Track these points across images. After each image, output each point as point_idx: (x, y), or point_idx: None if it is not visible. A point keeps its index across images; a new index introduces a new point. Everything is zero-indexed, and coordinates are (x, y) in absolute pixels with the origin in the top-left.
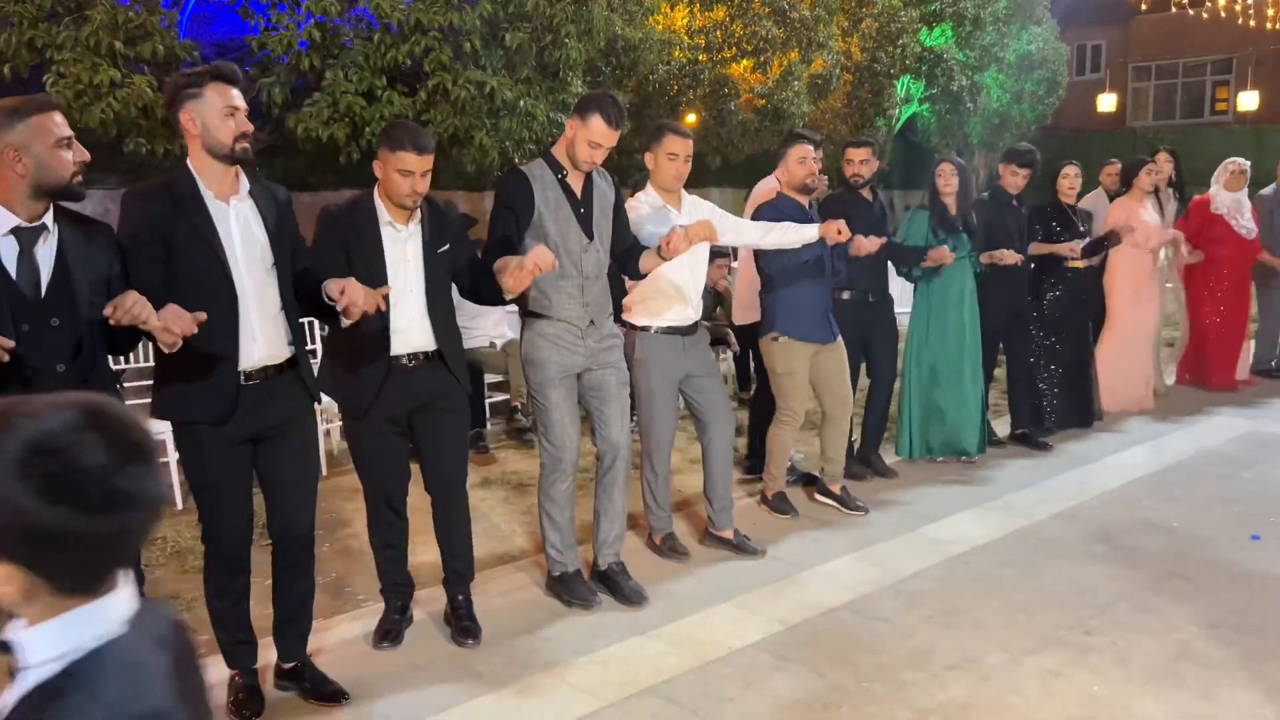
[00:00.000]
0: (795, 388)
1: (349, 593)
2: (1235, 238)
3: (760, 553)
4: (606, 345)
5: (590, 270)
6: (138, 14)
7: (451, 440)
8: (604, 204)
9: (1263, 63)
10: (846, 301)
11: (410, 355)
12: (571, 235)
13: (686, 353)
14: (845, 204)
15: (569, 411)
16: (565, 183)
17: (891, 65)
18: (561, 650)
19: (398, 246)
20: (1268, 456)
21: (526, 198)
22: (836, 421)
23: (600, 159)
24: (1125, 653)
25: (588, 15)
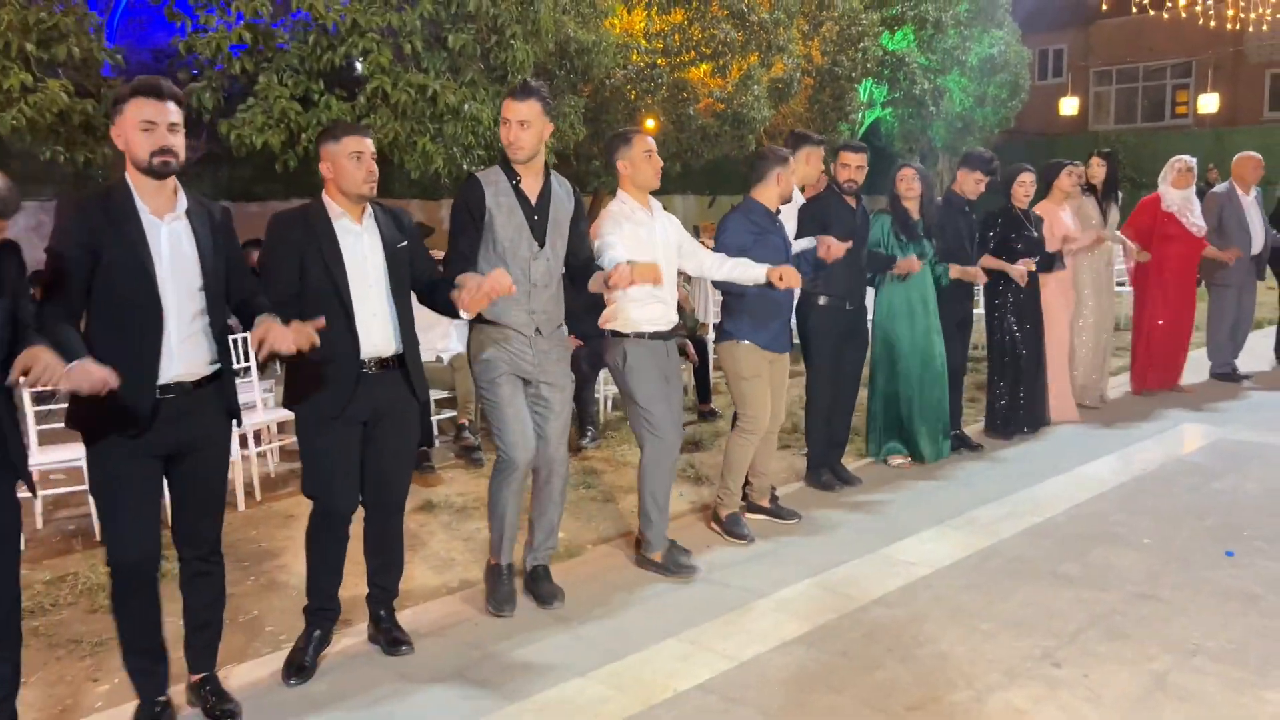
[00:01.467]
0: (759, 393)
1: (270, 632)
2: (1185, 235)
3: (694, 570)
4: (554, 357)
5: (539, 278)
6: (51, 15)
7: (401, 454)
8: (560, 212)
9: (1222, 66)
10: (823, 307)
11: (376, 360)
12: (521, 241)
13: (670, 355)
14: (828, 209)
15: (520, 408)
16: (519, 188)
17: (853, 69)
18: (492, 697)
19: (356, 243)
20: (1237, 466)
21: (479, 201)
22: (766, 439)
23: (519, 137)
24: (1097, 687)
25: (534, 15)
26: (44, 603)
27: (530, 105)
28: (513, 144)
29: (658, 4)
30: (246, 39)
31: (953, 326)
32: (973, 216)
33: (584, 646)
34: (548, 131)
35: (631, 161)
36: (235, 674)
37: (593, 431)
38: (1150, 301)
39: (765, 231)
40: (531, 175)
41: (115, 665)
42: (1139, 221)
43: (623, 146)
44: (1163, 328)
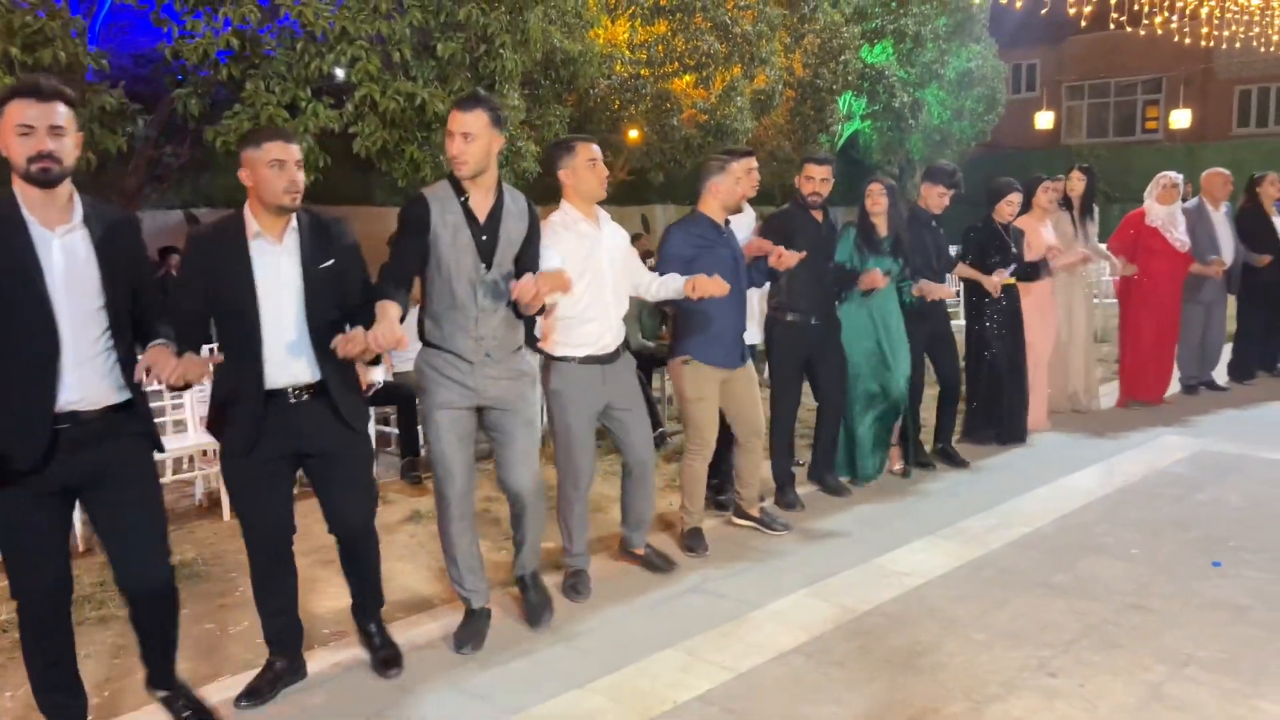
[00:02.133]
0: (705, 414)
1: (260, 644)
2: (1170, 250)
3: (671, 566)
4: (506, 382)
5: (486, 301)
6: (36, 19)
7: (349, 485)
8: (513, 232)
9: (1192, 82)
10: (790, 323)
11: (294, 389)
12: (466, 262)
13: (606, 383)
14: (792, 222)
15: (454, 442)
16: (467, 206)
17: (834, 82)
18: (490, 709)
19: (269, 262)
20: (1219, 477)
21: (422, 219)
22: (749, 449)
23: (463, 151)
24: (1094, 697)
25: (523, 25)
26: None
27: (477, 116)
28: (456, 158)
29: (642, 15)
30: (234, 45)
31: (937, 343)
32: (940, 231)
33: (581, 657)
34: (497, 145)
35: (574, 170)
36: (230, 685)
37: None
38: (1134, 316)
39: (711, 245)
40: (481, 192)
41: (97, 678)
42: (1123, 236)
43: (565, 155)
44: (1148, 342)
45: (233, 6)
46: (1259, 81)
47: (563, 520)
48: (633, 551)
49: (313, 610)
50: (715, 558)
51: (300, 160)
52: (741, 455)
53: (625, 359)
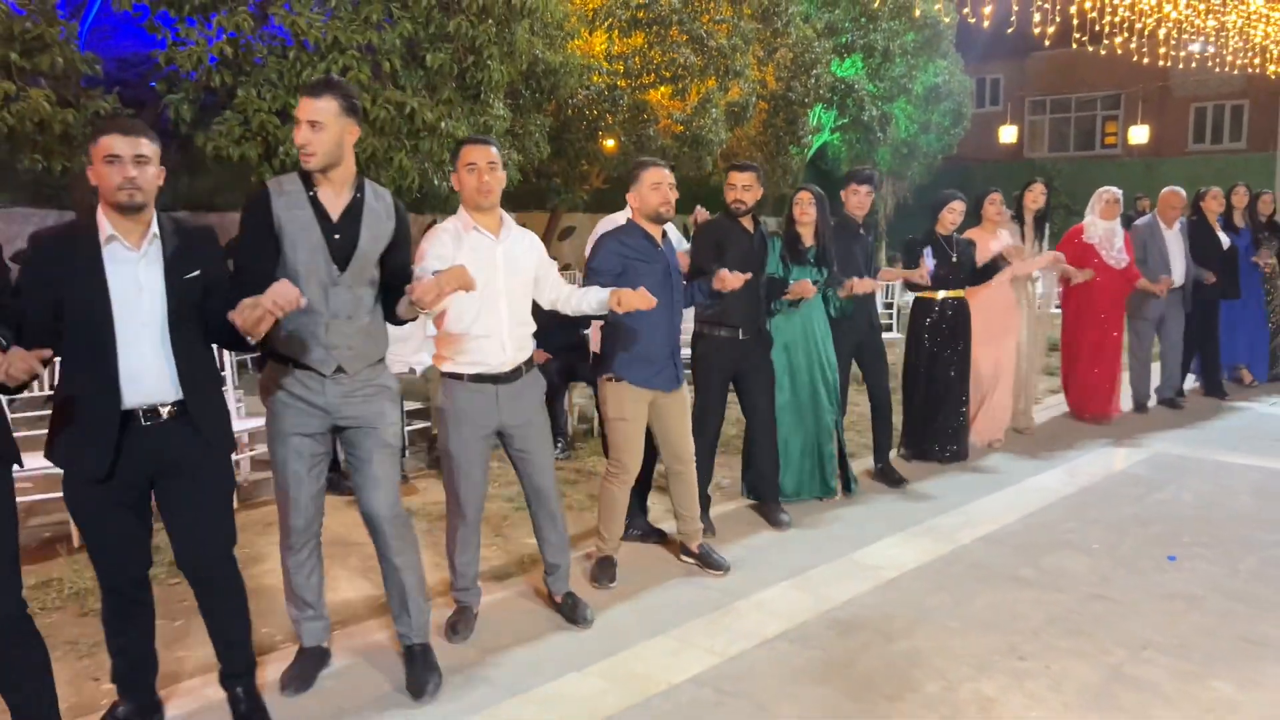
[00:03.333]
0: (628, 437)
1: (266, 633)
2: (1105, 268)
3: (587, 622)
4: (363, 398)
5: (340, 308)
6: (35, 24)
7: (204, 514)
8: (375, 231)
9: (1149, 99)
10: (718, 338)
11: (147, 410)
12: (319, 264)
13: (500, 404)
14: (720, 232)
15: (302, 473)
16: (317, 200)
17: (805, 95)
18: (495, 690)
19: (126, 271)
20: (1176, 478)
21: (262, 215)
22: (680, 476)
23: (309, 140)
24: (1059, 677)
25: (511, 37)
26: (33, 607)
27: (327, 103)
28: (303, 148)
29: (620, 27)
30: (227, 53)
31: (868, 354)
32: (869, 239)
33: (578, 644)
34: (351, 136)
35: (458, 177)
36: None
37: (563, 443)
38: (1071, 332)
39: (645, 258)
40: (335, 187)
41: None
42: (1063, 252)
43: (452, 160)
44: (1087, 359)
45: (226, 15)
46: (1214, 99)
47: (448, 551)
48: (552, 599)
49: None
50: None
51: (145, 158)
52: (674, 483)
53: (528, 379)
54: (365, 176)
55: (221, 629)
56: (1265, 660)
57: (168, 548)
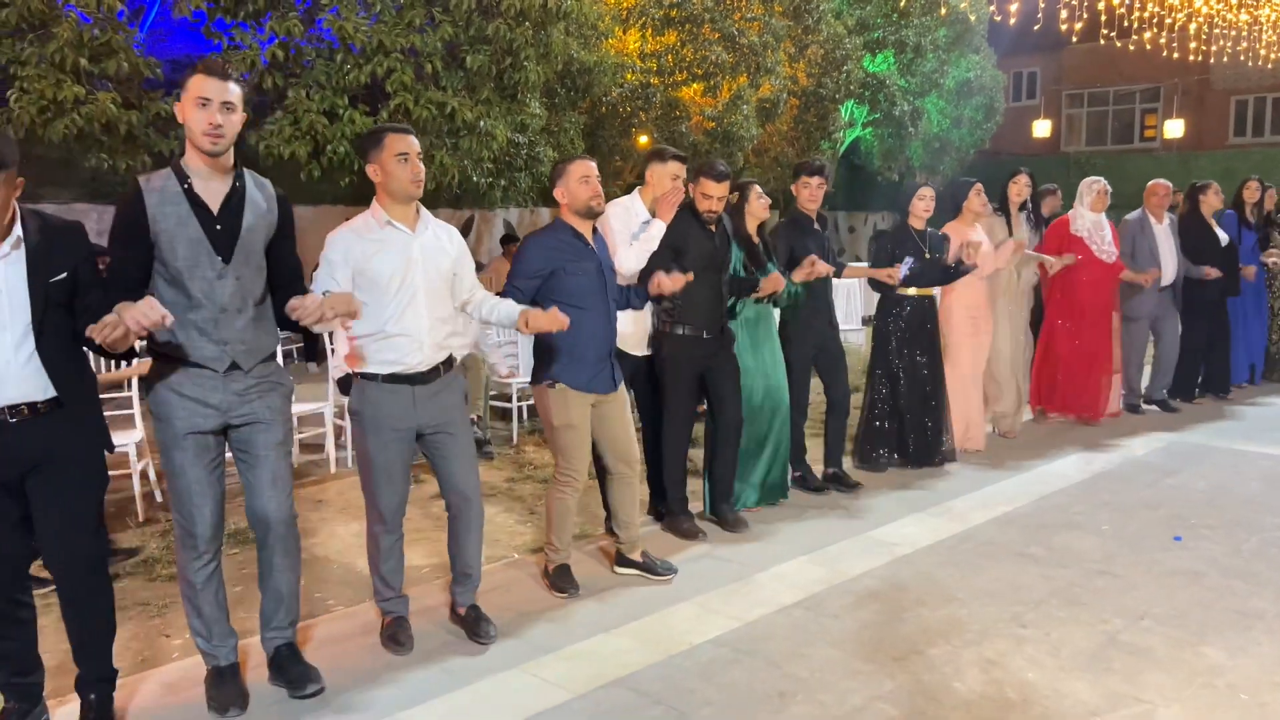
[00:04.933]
0: (576, 442)
1: (318, 599)
2: (1095, 261)
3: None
4: (256, 393)
5: (227, 300)
6: (103, 31)
7: (72, 511)
8: (258, 222)
9: (1188, 92)
10: (680, 337)
11: (10, 408)
12: (200, 257)
13: (417, 406)
14: (683, 230)
15: (203, 477)
16: (192, 193)
17: (836, 90)
18: (528, 647)
19: None
20: (1190, 465)
21: (135, 217)
22: (623, 479)
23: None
24: (1057, 643)
25: (547, 39)
26: None
27: (235, 86)
28: (213, 130)
29: (653, 26)
30: (278, 56)
31: (826, 358)
32: (824, 235)
33: (606, 609)
34: (241, 124)
35: (381, 166)
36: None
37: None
38: (1053, 326)
39: (575, 257)
40: (217, 176)
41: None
42: (1049, 246)
43: (372, 149)
44: (1072, 355)
45: (277, 20)
46: (1255, 92)
47: (370, 560)
48: (455, 611)
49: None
50: (721, 532)
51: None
52: (615, 487)
53: (448, 380)
54: None
55: (85, 635)
56: (1256, 631)
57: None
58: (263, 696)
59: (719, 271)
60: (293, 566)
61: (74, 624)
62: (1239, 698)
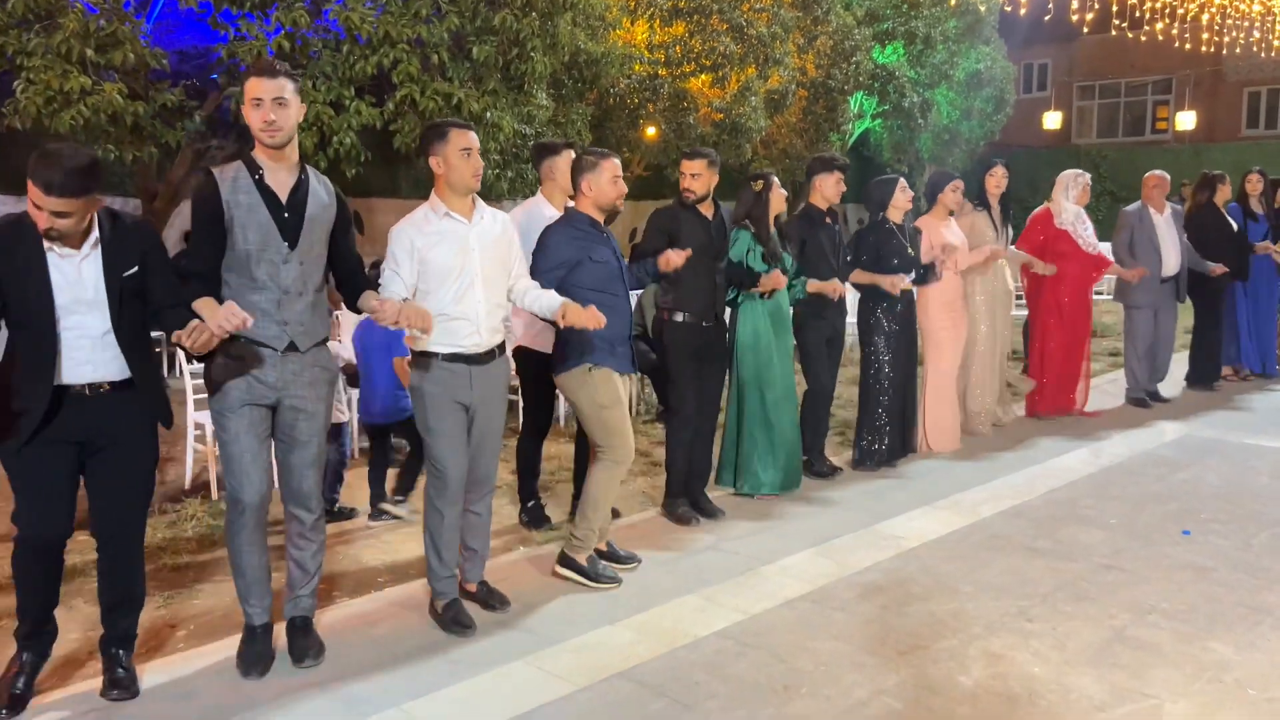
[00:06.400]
0: (621, 420)
1: (323, 589)
2: (1079, 253)
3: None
4: (307, 378)
5: (291, 284)
6: (109, 22)
7: (129, 482)
8: (320, 213)
9: (1200, 83)
10: (680, 324)
11: (92, 385)
12: (270, 242)
13: (474, 385)
14: (676, 218)
15: (254, 445)
16: (263, 183)
17: (845, 82)
18: (533, 640)
19: (69, 268)
20: (1201, 459)
21: (212, 201)
22: None
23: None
24: (1064, 637)
25: (553, 29)
26: None
27: (285, 82)
28: (269, 125)
29: (661, 17)
30: (284, 46)
31: (821, 345)
32: (836, 228)
33: (610, 601)
34: (301, 114)
35: (445, 160)
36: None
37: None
38: (1042, 323)
39: (594, 245)
40: (283, 169)
41: (189, 614)
42: (1031, 239)
43: (436, 142)
44: (1057, 350)
45: (283, 11)
46: (1269, 84)
47: (428, 537)
48: (464, 588)
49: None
50: (728, 523)
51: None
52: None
53: (500, 363)
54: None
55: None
56: (1264, 626)
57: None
58: (270, 678)
59: (714, 259)
60: (320, 543)
61: (109, 588)
62: (1246, 693)
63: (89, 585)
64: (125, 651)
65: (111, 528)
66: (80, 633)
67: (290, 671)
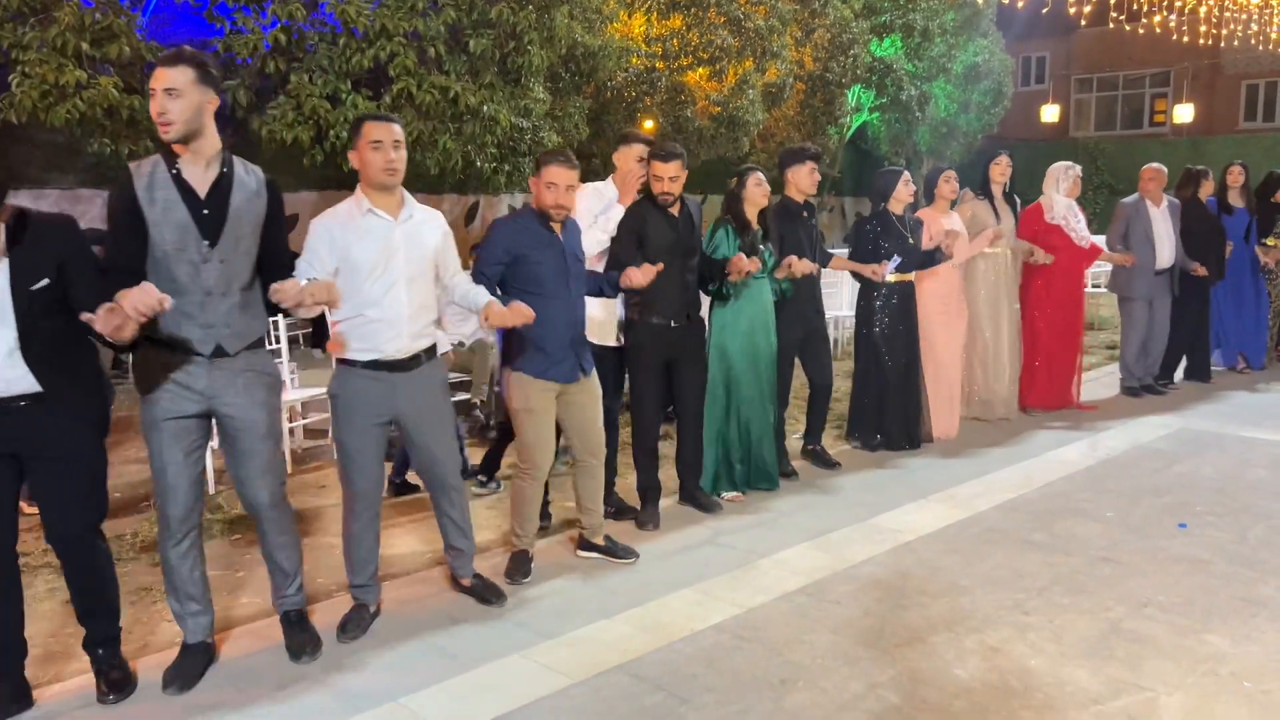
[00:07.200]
0: (534, 430)
1: (321, 584)
2: (1072, 246)
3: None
4: (241, 384)
5: (214, 284)
6: (104, 15)
7: (62, 489)
8: (246, 206)
9: (1198, 76)
10: (649, 325)
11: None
12: (189, 240)
13: (396, 394)
14: (641, 220)
15: (179, 459)
16: (181, 178)
17: (843, 75)
18: (530, 634)
19: None
20: (1197, 451)
21: (126, 198)
22: (589, 470)
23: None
24: (1060, 630)
25: (550, 23)
26: None
27: (181, 71)
28: (160, 117)
29: (658, 10)
30: (280, 40)
31: (814, 341)
32: (812, 222)
33: (608, 595)
34: (211, 105)
35: (359, 153)
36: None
37: None
38: (1033, 316)
39: (538, 244)
40: (200, 161)
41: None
42: (1024, 234)
43: (354, 137)
44: (1049, 344)
45: (280, 4)
46: (1266, 76)
47: (344, 547)
48: (459, 583)
49: None
50: (724, 517)
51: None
52: (579, 476)
53: (430, 368)
54: (409, 159)
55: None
56: (1260, 619)
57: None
58: (266, 673)
59: (684, 258)
60: (292, 543)
61: (76, 596)
62: (1242, 685)
63: None
64: (109, 651)
65: (63, 538)
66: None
67: (286, 666)
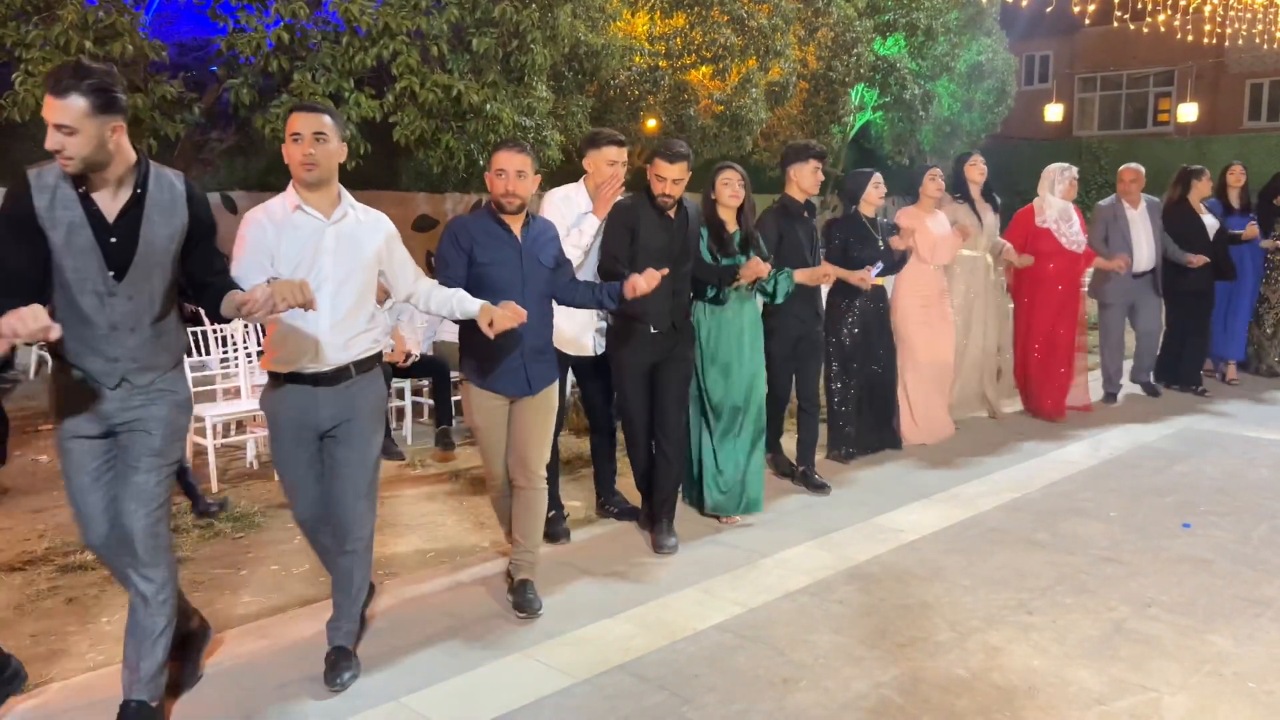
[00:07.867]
0: (486, 443)
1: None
2: (1063, 251)
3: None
4: (142, 401)
5: (120, 319)
6: (108, 14)
7: None
8: (161, 232)
9: (1202, 76)
10: (633, 330)
11: None
12: (91, 271)
13: (322, 407)
14: (634, 219)
15: (87, 484)
16: (89, 198)
17: (846, 74)
18: (533, 633)
19: None
20: (1200, 451)
21: (21, 215)
22: (523, 497)
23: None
24: (1063, 630)
25: (553, 21)
26: None
27: (73, 102)
28: (58, 153)
29: (661, 8)
30: (283, 38)
31: (787, 348)
32: (813, 222)
33: (610, 594)
34: (116, 132)
35: (286, 149)
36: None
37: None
38: (1024, 323)
39: (492, 244)
40: (106, 184)
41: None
42: (1013, 238)
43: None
44: (1041, 350)
45: (283, 3)
46: (1270, 75)
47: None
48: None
49: None
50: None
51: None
52: (514, 502)
53: (364, 381)
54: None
55: None
56: (1264, 619)
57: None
58: (267, 672)
59: (674, 264)
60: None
61: None
62: (1246, 686)
63: (86, 578)
64: None
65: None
66: (78, 625)
67: (286, 665)
